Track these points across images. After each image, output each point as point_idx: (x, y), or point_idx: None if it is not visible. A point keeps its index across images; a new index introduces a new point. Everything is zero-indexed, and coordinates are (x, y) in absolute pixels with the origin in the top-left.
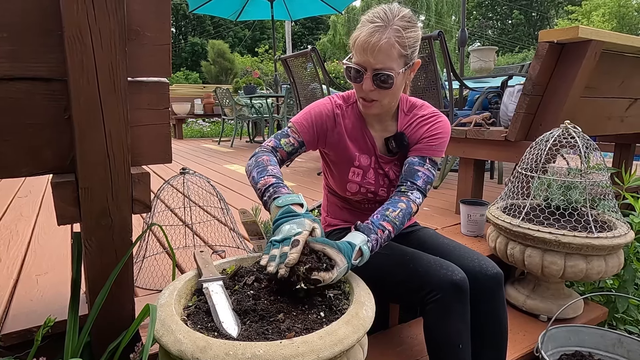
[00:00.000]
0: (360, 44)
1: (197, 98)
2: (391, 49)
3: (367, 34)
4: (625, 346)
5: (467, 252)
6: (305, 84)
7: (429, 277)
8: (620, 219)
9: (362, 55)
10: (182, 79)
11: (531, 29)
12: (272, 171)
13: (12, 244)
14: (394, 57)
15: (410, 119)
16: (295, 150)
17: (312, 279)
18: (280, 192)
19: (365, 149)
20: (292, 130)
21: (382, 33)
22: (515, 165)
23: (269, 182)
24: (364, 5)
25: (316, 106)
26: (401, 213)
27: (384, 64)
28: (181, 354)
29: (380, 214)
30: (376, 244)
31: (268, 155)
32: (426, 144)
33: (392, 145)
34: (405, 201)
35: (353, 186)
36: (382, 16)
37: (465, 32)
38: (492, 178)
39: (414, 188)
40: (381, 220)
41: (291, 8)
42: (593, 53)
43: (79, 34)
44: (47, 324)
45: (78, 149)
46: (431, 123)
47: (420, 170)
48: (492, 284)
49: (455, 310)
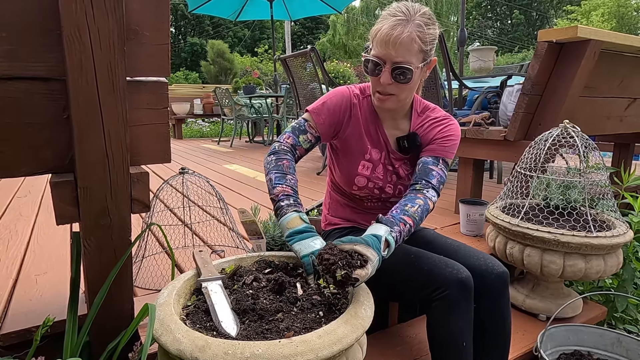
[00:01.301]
0: (381, 36)
1: (197, 98)
2: (412, 43)
3: (389, 27)
4: (624, 345)
5: (472, 252)
6: (305, 83)
7: (435, 276)
8: (619, 219)
9: (383, 48)
10: (182, 79)
11: (530, 29)
12: (290, 181)
13: (12, 243)
14: (414, 52)
15: (423, 120)
16: (313, 146)
17: (352, 278)
18: (288, 211)
19: (377, 143)
20: (309, 125)
21: (405, 27)
22: (515, 165)
23: (285, 192)
24: (364, 5)
25: (334, 96)
26: (420, 209)
27: (404, 58)
28: (180, 354)
29: (400, 209)
30: (399, 236)
31: (288, 158)
32: (439, 144)
33: (405, 145)
34: (422, 198)
35: (361, 180)
36: (404, 11)
37: (465, 31)
38: (491, 178)
39: (429, 186)
40: (402, 214)
41: (290, 8)
42: (592, 53)
43: (77, 33)
44: (46, 324)
45: (77, 148)
46: (443, 125)
47: (434, 170)
48: (498, 283)
49: (460, 308)
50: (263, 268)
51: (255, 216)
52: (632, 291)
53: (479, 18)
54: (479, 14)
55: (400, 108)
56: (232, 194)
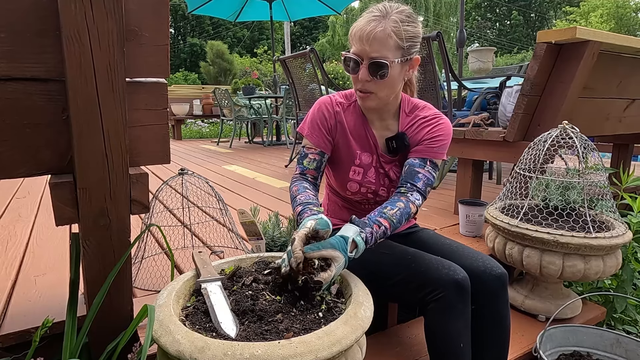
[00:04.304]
0: (356, 32)
1: (196, 99)
2: (387, 38)
3: (364, 23)
4: (624, 346)
5: (471, 252)
6: (304, 84)
7: (431, 276)
8: (618, 219)
9: (360, 44)
10: (181, 80)
11: (529, 30)
12: (299, 200)
13: (11, 244)
14: (390, 47)
15: (412, 119)
16: (321, 163)
17: (315, 281)
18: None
19: (367, 146)
20: (307, 147)
21: (379, 22)
22: (514, 166)
23: (297, 211)
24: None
25: (317, 109)
26: (399, 212)
27: (380, 53)
28: (179, 355)
29: (378, 211)
30: (371, 237)
31: (296, 184)
32: (427, 145)
33: (393, 146)
34: (404, 201)
35: (354, 185)
36: (380, 8)
37: (464, 32)
38: (490, 178)
39: (414, 190)
40: (378, 216)
41: (290, 9)
42: (591, 53)
43: (76, 34)
44: (45, 325)
45: (76, 149)
46: (433, 125)
47: (420, 172)
48: (497, 284)
49: (457, 309)
50: (262, 269)
51: (255, 217)
52: (631, 292)
53: (478, 19)
54: (478, 15)
55: (386, 107)
56: (232, 195)
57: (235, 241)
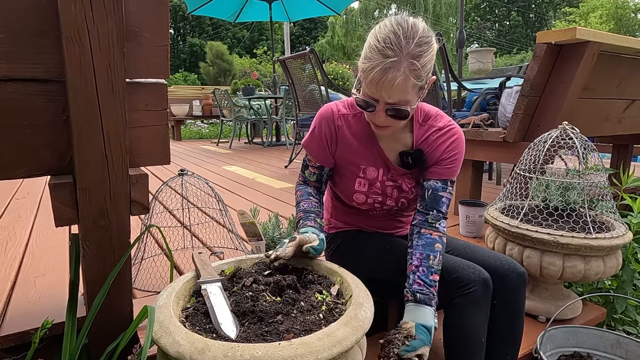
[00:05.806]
0: (372, 79)
1: (196, 99)
2: (406, 82)
3: (380, 72)
4: (624, 347)
5: (491, 252)
6: (304, 85)
7: (457, 275)
8: (618, 220)
9: (375, 91)
10: (181, 80)
11: (529, 31)
12: (302, 206)
13: (10, 245)
14: (409, 90)
15: (426, 130)
16: (321, 175)
17: None
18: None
19: (373, 160)
20: (308, 159)
21: (397, 70)
22: (514, 166)
23: (298, 217)
24: (362, 6)
25: (318, 125)
26: (440, 255)
27: (399, 98)
28: (179, 356)
29: (426, 267)
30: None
31: (301, 189)
32: (446, 166)
33: (409, 161)
34: (439, 238)
35: (360, 196)
36: (394, 45)
37: (464, 33)
38: (490, 179)
39: (440, 217)
40: (429, 275)
41: (289, 9)
42: (591, 54)
43: (76, 34)
44: (44, 326)
45: (76, 150)
46: (449, 141)
47: (443, 196)
48: (519, 282)
49: (481, 305)
50: (262, 270)
51: (255, 218)
52: (632, 292)
53: (478, 20)
54: (477, 16)
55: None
56: (231, 196)
57: (235, 242)
